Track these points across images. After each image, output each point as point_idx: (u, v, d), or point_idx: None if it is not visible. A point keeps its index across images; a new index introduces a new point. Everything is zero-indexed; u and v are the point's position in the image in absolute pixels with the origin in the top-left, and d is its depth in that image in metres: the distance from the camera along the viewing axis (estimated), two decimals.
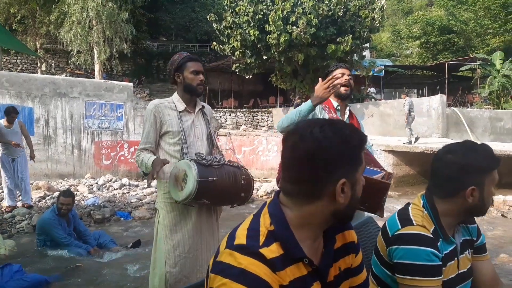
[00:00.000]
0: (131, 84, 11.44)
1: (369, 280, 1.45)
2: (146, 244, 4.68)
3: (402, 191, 9.06)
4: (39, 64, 23.15)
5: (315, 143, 0.92)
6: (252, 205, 6.87)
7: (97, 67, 20.27)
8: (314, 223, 0.98)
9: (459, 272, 1.39)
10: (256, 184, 8.27)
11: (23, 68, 23.55)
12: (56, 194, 6.69)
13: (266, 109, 19.49)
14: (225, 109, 19.47)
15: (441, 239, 1.34)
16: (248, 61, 16.29)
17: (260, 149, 11.48)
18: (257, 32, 14.98)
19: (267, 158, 11.27)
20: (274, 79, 17.56)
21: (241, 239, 0.94)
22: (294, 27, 14.31)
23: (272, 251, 0.92)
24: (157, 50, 27.17)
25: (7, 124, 6.19)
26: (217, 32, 16.49)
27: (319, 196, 0.94)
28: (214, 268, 0.92)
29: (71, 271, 3.91)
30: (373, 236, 1.73)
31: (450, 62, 20.63)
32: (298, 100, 16.64)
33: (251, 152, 11.59)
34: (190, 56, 2.44)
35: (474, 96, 19.60)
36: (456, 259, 1.39)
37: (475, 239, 1.49)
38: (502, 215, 6.37)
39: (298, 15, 14.33)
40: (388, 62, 26.80)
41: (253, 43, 15.45)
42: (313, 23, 14.19)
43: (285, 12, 14.62)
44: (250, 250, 0.91)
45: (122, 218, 6.32)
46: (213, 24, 16.42)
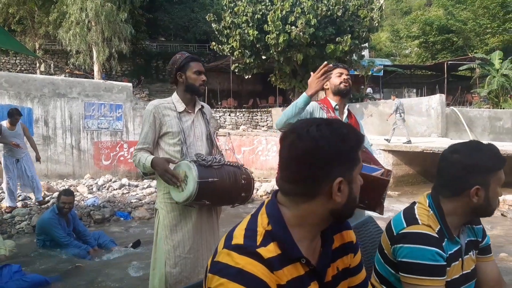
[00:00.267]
0: (130, 85, 11.43)
1: (372, 278, 1.46)
2: (146, 244, 4.68)
3: (402, 191, 9.06)
4: (38, 65, 23.15)
5: (312, 142, 0.92)
6: (251, 205, 6.87)
7: (96, 68, 20.28)
8: (312, 223, 0.98)
9: (463, 273, 1.39)
10: (256, 184, 8.25)
11: (22, 69, 23.53)
12: (56, 195, 6.69)
13: (266, 109, 19.49)
14: (225, 109, 19.46)
15: (446, 239, 1.34)
16: (247, 61, 16.29)
17: (260, 149, 11.47)
18: (256, 32, 14.97)
19: (267, 158, 11.26)
20: (273, 79, 17.56)
21: (239, 239, 0.94)
22: (293, 27, 14.31)
23: (270, 251, 0.92)
24: (156, 50, 27.17)
25: (10, 126, 6.25)
26: (216, 32, 16.48)
27: (316, 195, 0.95)
28: (212, 268, 0.93)
29: (71, 272, 3.91)
30: (373, 236, 1.73)
31: (449, 62, 20.65)
32: None
33: (251, 152, 11.58)
34: (193, 56, 2.45)
35: (473, 96, 19.62)
36: (461, 260, 1.39)
37: (480, 240, 1.49)
38: (502, 215, 6.37)
39: (297, 15, 14.34)
40: (387, 62, 26.82)
41: (252, 43, 15.45)
42: (312, 23, 14.20)
43: (284, 12, 14.62)
44: (248, 250, 0.91)
45: (122, 218, 6.32)
46: (212, 24, 16.41)
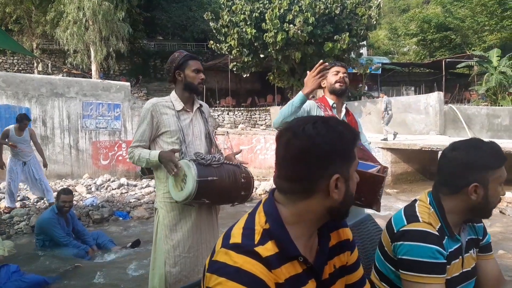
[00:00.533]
0: (128, 84, 11.42)
1: (372, 275, 1.46)
2: (145, 244, 4.68)
3: (400, 189, 9.07)
4: (36, 64, 23.09)
5: (309, 140, 0.92)
6: (251, 204, 6.87)
7: (94, 67, 20.22)
8: (309, 220, 0.99)
9: (463, 271, 1.39)
10: (255, 183, 8.26)
11: (20, 69, 23.47)
12: (55, 195, 6.68)
13: (264, 108, 19.46)
14: (223, 108, 19.43)
15: (447, 237, 1.35)
16: (245, 60, 16.26)
17: (258, 148, 11.48)
18: (254, 31, 14.95)
19: (265, 157, 11.27)
20: (272, 78, 17.54)
21: (237, 238, 0.94)
22: (291, 25, 14.29)
23: (268, 250, 0.92)
24: (154, 49, 27.09)
25: (18, 131, 6.28)
26: (214, 31, 16.45)
27: (313, 193, 0.95)
28: (210, 267, 0.93)
29: (70, 272, 3.91)
30: (372, 234, 1.73)
31: (447, 60, 20.67)
32: None
33: (249, 151, 11.58)
34: (191, 55, 2.45)
35: (471, 93, 19.64)
36: (461, 258, 1.39)
37: (481, 238, 1.49)
38: (500, 212, 6.38)
39: (295, 13, 14.32)
40: (385, 60, 26.81)
41: (250, 42, 15.42)
42: (310, 21, 14.18)
43: (282, 10, 14.60)
44: (246, 249, 0.91)
45: (121, 218, 6.31)
46: (210, 23, 16.37)
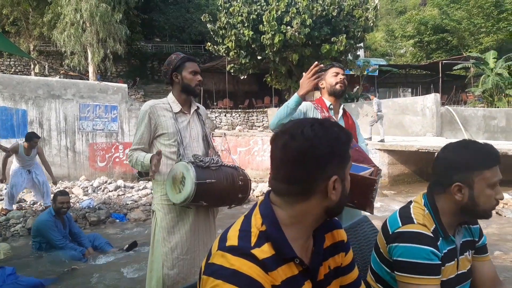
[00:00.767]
0: (126, 86, 11.40)
1: (368, 277, 1.46)
2: (142, 246, 4.66)
3: (397, 190, 9.09)
4: (33, 66, 23.03)
5: (307, 142, 0.93)
6: (248, 206, 6.86)
7: (91, 69, 20.17)
8: (306, 222, 0.99)
9: (458, 273, 1.40)
10: (252, 185, 8.26)
11: (17, 70, 23.40)
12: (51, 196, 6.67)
13: (261, 109, 19.45)
14: (220, 110, 19.41)
15: (442, 238, 1.35)
16: (243, 62, 16.26)
17: (256, 150, 11.48)
18: (252, 33, 14.96)
19: (263, 159, 11.27)
20: (269, 79, 17.55)
21: (233, 240, 0.94)
22: (289, 27, 14.32)
23: (264, 252, 0.92)
24: (152, 51, 27.07)
25: (27, 150, 6.28)
26: (212, 33, 16.45)
27: (311, 194, 0.95)
28: (207, 270, 0.92)
29: (67, 274, 3.90)
30: (368, 235, 1.73)
31: (444, 61, 20.74)
32: None
33: (247, 153, 11.58)
34: (188, 57, 2.45)
35: (468, 95, 19.70)
36: (456, 260, 1.39)
37: (477, 240, 1.49)
38: (497, 213, 6.40)
39: (292, 15, 14.34)
40: (382, 62, 26.90)
41: (248, 44, 15.43)
42: (307, 23, 14.21)
43: (279, 12, 14.62)
44: (242, 251, 0.91)
45: (118, 220, 6.29)
46: (207, 25, 16.37)
